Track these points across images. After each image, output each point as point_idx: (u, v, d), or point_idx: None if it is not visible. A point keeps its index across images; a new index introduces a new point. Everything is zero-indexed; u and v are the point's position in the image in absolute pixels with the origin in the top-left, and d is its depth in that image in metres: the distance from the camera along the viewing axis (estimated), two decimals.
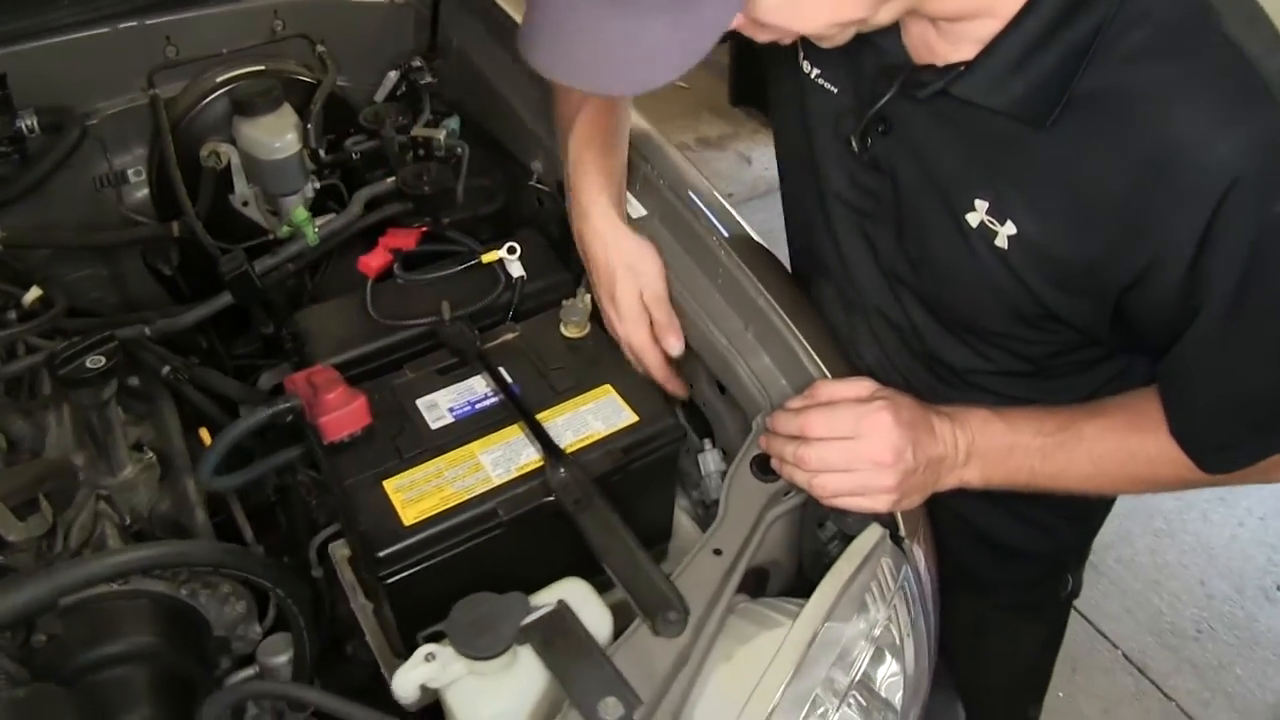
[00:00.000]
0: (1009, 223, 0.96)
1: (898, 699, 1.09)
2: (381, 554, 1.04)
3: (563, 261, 1.36)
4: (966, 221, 0.99)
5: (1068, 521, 1.33)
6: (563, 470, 1.07)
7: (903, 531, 1.08)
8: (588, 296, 1.26)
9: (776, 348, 1.18)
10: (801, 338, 1.17)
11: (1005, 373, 1.12)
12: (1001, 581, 1.38)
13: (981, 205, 0.97)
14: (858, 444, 1.01)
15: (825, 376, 1.14)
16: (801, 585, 1.16)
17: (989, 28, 0.91)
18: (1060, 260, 0.95)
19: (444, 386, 1.19)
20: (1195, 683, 2.51)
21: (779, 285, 1.22)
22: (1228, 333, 0.91)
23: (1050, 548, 1.36)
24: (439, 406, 1.17)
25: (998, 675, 1.52)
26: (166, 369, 1.42)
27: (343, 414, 1.12)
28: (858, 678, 1.05)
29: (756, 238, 1.30)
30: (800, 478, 1.04)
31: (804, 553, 1.14)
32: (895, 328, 1.16)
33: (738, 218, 1.32)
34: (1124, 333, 0.99)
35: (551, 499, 1.06)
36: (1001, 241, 0.97)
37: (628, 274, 1.22)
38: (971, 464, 1.06)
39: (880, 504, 1.03)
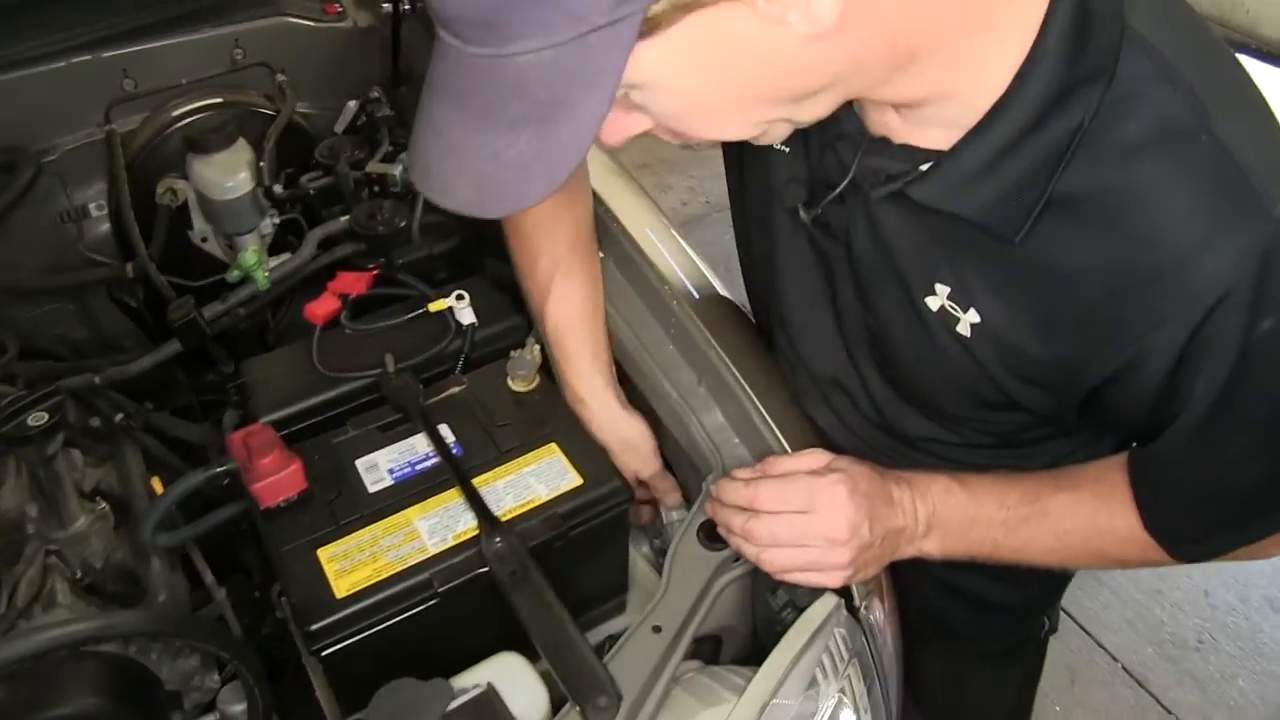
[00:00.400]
0: (972, 310, 0.90)
1: None
2: (313, 628, 1.00)
3: (515, 305, 1.30)
4: (926, 305, 0.92)
5: (1039, 574, 1.27)
6: (498, 540, 1.02)
7: (858, 601, 1.03)
8: (536, 348, 1.21)
9: (730, 405, 1.13)
10: (753, 395, 1.11)
11: (969, 445, 1.07)
12: (977, 634, 1.33)
13: (943, 290, 0.91)
14: (810, 519, 0.96)
15: (776, 435, 1.09)
16: (758, 650, 1.11)
17: (953, 112, 0.82)
18: (1027, 355, 0.89)
19: (385, 445, 1.15)
20: (1197, 695, 2.45)
21: (735, 337, 1.17)
22: (1204, 439, 0.86)
23: (1022, 598, 1.31)
24: (379, 467, 1.12)
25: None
26: (120, 416, 1.38)
27: (278, 480, 1.08)
28: None
29: (717, 283, 1.25)
30: (749, 551, 0.99)
31: (757, 619, 1.09)
32: (850, 395, 1.10)
33: (697, 261, 1.26)
34: (1093, 421, 0.93)
35: (486, 570, 1.02)
36: (964, 329, 0.91)
37: (623, 455, 1.19)
38: (931, 535, 1.01)
39: (833, 580, 0.98)
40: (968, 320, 0.90)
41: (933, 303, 0.92)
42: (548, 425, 1.15)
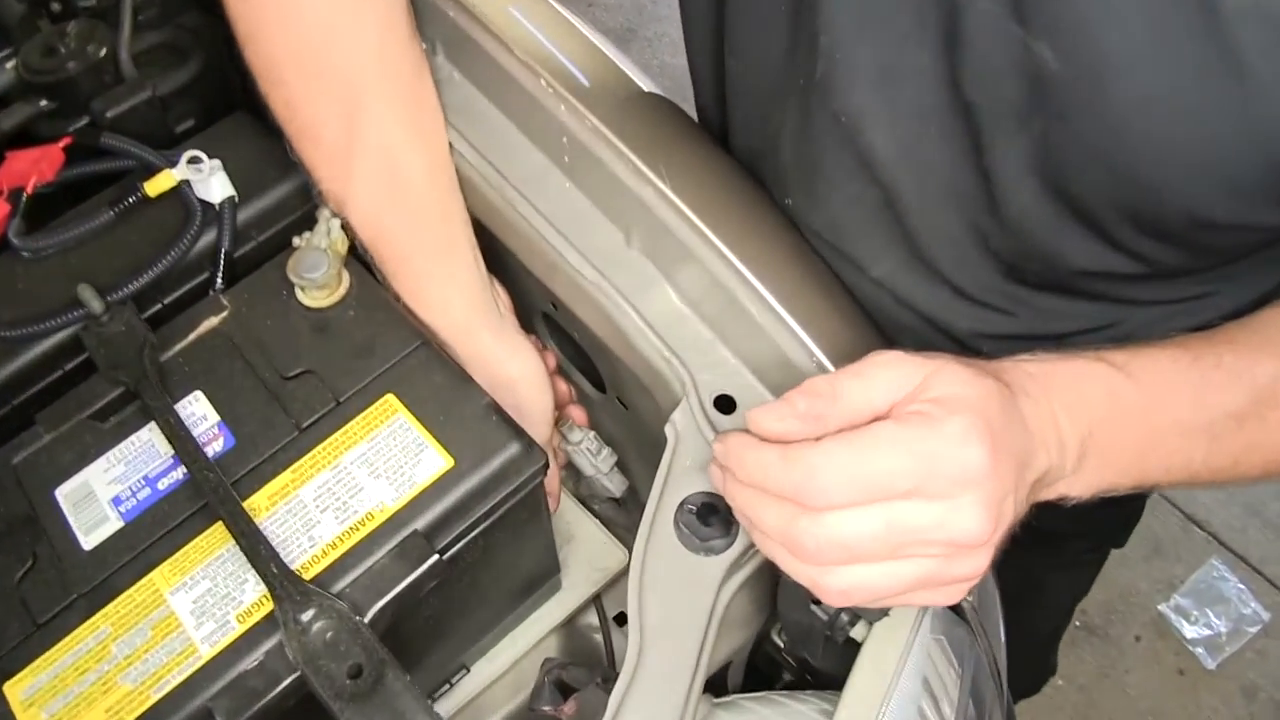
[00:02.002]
0: None
1: None
2: None
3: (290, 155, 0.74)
4: None
5: None
6: (312, 616, 0.51)
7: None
8: (335, 222, 0.67)
9: (685, 271, 0.61)
10: (719, 240, 0.59)
11: (1147, 277, 0.57)
12: (1077, 532, 0.88)
13: None
14: (925, 512, 0.46)
15: (778, 315, 0.57)
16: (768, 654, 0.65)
17: None
18: None
19: (102, 451, 0.62)
20: None
21: (682, 150, 0.63)
22: None
23: None
24: (96, 497, 0.60)
25: (1047, 622, 1.05)
26: None
27: None
28: None
29: (639, 78, 0.69)
30: (800, 572, 0.48)
31: (785, 623, 0.61)
32: (958, 206, 0.59)
33: (599, 45, 0.70)
34: None
35: (301, 677, 0.51)
36: None
37: (513, 395, 0.67)
38: (1084, 469, 0.54)
39: (953, 598, 0.50)
40: None
41: None
42: (374, 360, 0.62)
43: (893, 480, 0.45)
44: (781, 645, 0.71)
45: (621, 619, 0.86)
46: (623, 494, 0.81)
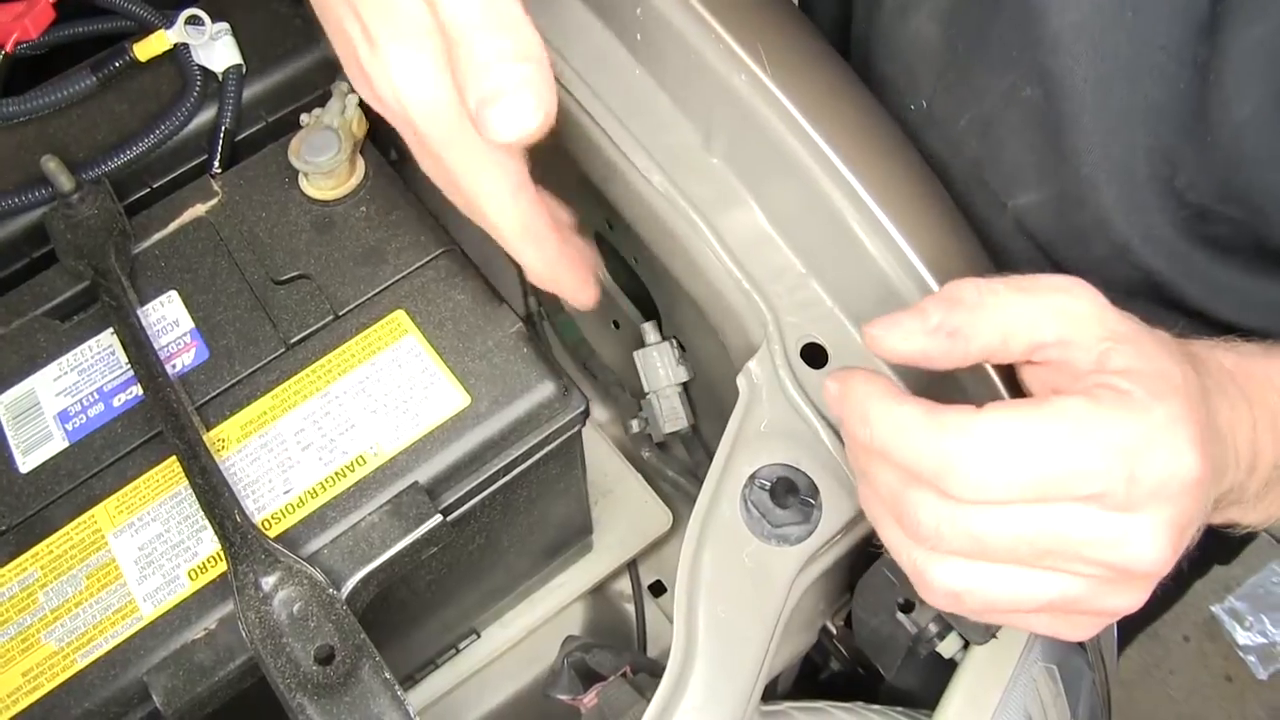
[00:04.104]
0: None
1: None
2: None
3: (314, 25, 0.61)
4: None
5: None
6: (275, 583, 0.40)
7: None
8: (352, 98, 0.54)
9: (784, 184, 0.47)
10: (828, 148, 0.45)
11: None
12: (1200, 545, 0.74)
13: None
14: (1102, 524, 0.32)
15: (898, 245, 0.44)
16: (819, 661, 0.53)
17: None
18: None
19: (55, 356, 0.51)
20: None
21: (788, 41, 0.49)
22: None
23: None
24: (41, 410, 0.49)
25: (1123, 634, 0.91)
26: None
27: None
28: None
29: None
30: (904, 552, 0.35)
31: (859, 627, 0.49)
32: (1146, 117, 0.44)
33: None
34: None
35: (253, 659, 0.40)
36: None
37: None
38: (1269, 497, 0.41)
39: (1088, 633, 0.37)
40: None
41: None
42: (385, 268, 0.50)
43: (1077, 481, 0.31)
44: (834, 632, 0.59)
45: (658, 589, 0.75)
46: (683, 431, 0.68)
